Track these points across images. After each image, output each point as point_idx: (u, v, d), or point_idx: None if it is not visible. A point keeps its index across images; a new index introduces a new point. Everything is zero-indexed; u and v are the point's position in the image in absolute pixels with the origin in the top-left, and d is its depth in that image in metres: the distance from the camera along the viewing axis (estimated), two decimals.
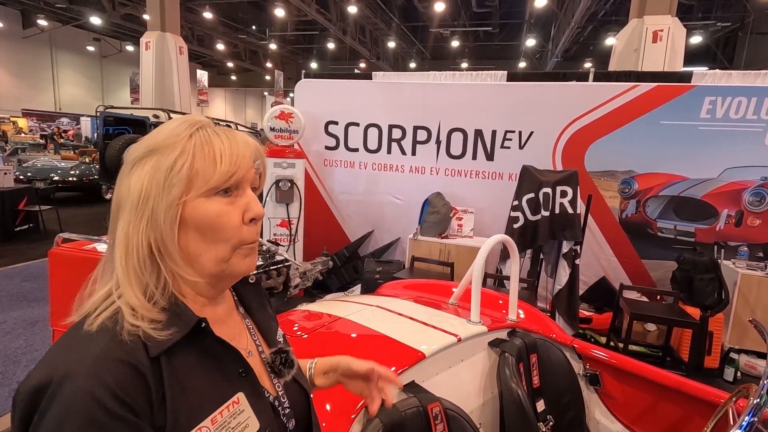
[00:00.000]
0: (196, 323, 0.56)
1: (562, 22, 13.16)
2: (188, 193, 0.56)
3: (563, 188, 3.32)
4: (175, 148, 0.56)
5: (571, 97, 3.93)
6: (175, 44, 9.81)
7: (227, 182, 0.57)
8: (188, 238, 0.57)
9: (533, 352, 1.79)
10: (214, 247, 0.58)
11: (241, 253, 0.60)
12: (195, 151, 0.56)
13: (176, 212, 0.55)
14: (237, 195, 0.60)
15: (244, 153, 0.60)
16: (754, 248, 3.56)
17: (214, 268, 0.59)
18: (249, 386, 0.61)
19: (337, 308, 1.95)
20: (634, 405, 1.80)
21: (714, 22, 13.06)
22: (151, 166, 0.56)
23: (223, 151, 0.57)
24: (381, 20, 15.85)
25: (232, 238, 0.59)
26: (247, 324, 0.70)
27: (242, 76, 25.96)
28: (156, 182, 0.55)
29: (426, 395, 1.31)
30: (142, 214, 0.55)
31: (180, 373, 0.53)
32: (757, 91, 3.48)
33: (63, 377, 0.47)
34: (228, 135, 0.60)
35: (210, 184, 0.56)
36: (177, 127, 0.58)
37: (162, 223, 0.55)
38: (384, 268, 3.95)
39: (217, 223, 0.57)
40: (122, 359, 0.49)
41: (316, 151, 4.77)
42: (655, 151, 3.78)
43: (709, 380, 3.16)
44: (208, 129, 0.59)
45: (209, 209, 0.57)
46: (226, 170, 0.57)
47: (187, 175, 0.55)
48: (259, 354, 0.68)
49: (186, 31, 15.55)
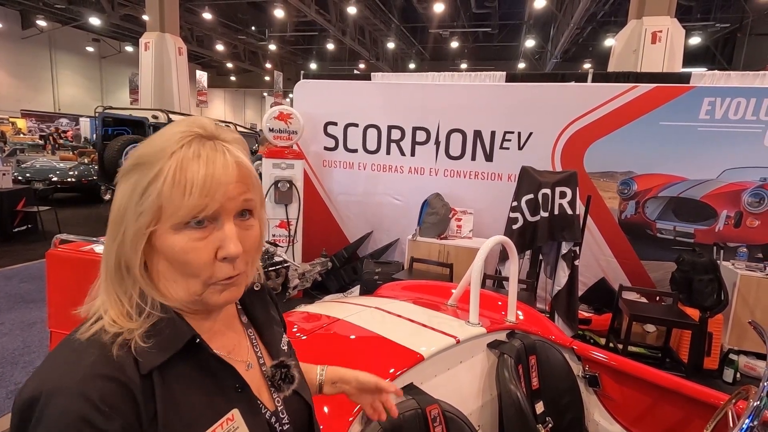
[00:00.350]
0: (190, 338, 0.54)
1: (561, 23, 13.17)
2: (156, 222, 0.52)
3: (562, 189, 3.32)
4: (154, 166, 0.51)
5: (571, 97, 3.93)
6: (175, 45, 9.80)
7: (196, 217, 0.52)
8: (160, 264, 0.54)
9: (532, 353, 1.78)
10: (183, 280, 0.54)
11: (215, 289, 0.55)
12: (168, 176, 0.51)
13: (141, 241, 0.52)
14: (212, 227, 0.54)
15: (222, 179, 0.53)
16: (754, 249, 3.56)
17: (186, 298, 0.56)
18: (245, 402, 0.59)
19: (336, 310, 1.94)
20: (633, 406, 1.79)
21: (713, 23, 13.09)
22: (131, 184, 0.53)
23: (195, 179, 0.51)
24: (380, 21, 15.86)
25: (201, 275, 0.54)
26: (249, 334, 0.68)
27: (242, 77, 25.96)
28: (130, 205, 0.52)
29: (424, 397, 1.30)
30: (116, 233, 0.53)
31: (174, 390, 0.52)
32: (756, 92, 3.48)
33: (50, 394, 0.47)
34: (209, 158, 0.53)
35: (177, 217, 0.51)
36: (170, 137, 0.53)
37: (128, 249, 0.53)
38: (383, 269, 3.94)
39: (184, 259, 0.53)
40: (109, 375, 0.48)
41: (315, 152, 4.77)
42: (654, 152, 3.78)
43: (709, 381, 3.16)
44: (195, 145, 0.53)
45: (175, 244, 0.52)
46: (194, 204, 0.51)
47: (156, 203, 0.51)
48: (259, 366, 0.66)
49: (185, 32, 15.54)
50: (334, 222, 4.87)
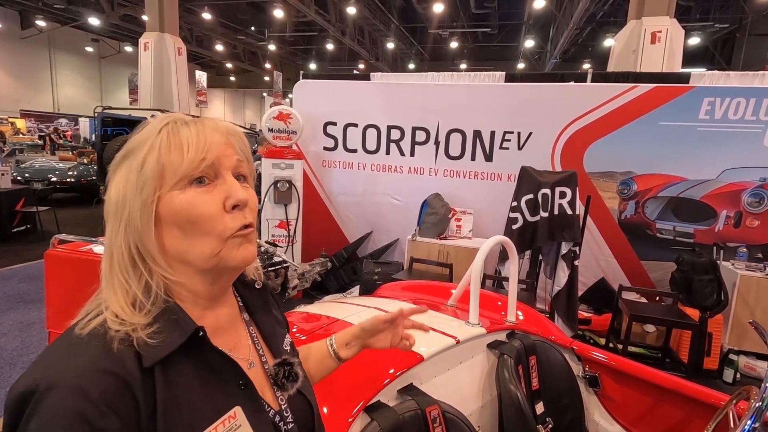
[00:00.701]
0: (194, 332, 0.53)
1: (561, 23, 13.18)
2: (160, 188, 0.53)
3: (562, 189, 3.32)
4: (145, 145, 0.54)
5: (570, 98, 3.93)
6: (174, 45, 9.79)
7: (197, 169, 0.54)
8: (171, 237, 0.55)
9: (532, 354, 1.78)
10: (197, 242, 0.54)
11: (232, 244, 0.56)
12: (161, 145, 0.54)
13: (151, 210, 0.53)
14: (215, 183, 0.56)
15: (213, 138, 0.57)
16: (753, 249, 3.56)
17: (204, 264, 0.56)
18: (248, 399, 0.58)
19: (336, 310, 1.94)
20: (633, 407, 1.79)
21: (712, 23, 13.10)
22: (125, 169, 0.55)
23: (189, 139, 0.55)
24: (380, 21, 15.86)
25: (215, 229, 0.55)
26: (251, 332, 0.67)
27: (241, 77, 25.95)
28: (130, 184, 0.54)
29: (424, 398, 1.30)
30: (121, 219, 0.54)
31: (175, 385, 0.51)
32: (755, 92, 3.48)
33: (47, 387, 0.45)
34: (197, 123, 0.57)
35: (179, 174, 0.53)
36: (151, 126, 0.57)
37: (139, 224, 0.53)
38: (383, 269, 3.93)
39: (194, 213, 0.54)
40: (109, 370, 0.47)
41: (315, 152, 4.76)
42: (654, 152, 3.78)
43: (709, 381, 3.15)
44: (178, 122, 0.57)
45: (183, 200, 0.53)
46: (193, 157, 0.54)
47: (156, 169, 0.53)
48: (262, 365, 0.65)
49: (185, 32, 15.53)
50: (334, 222, 4.87)
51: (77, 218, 7.74)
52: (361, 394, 1.22)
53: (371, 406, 1.20)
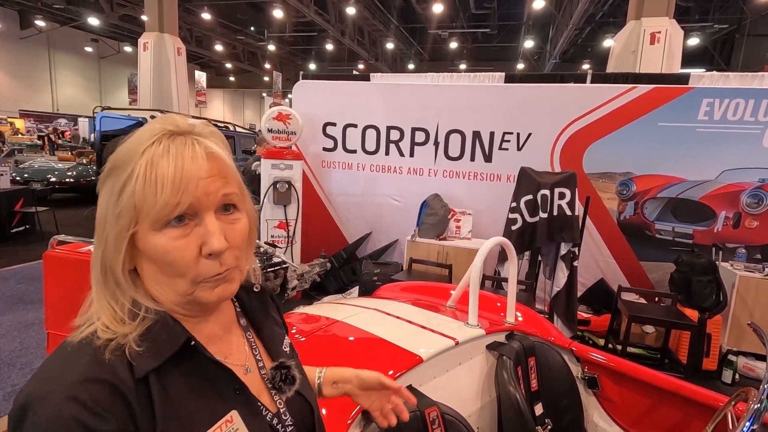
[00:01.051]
0: (185, 342, 0.54)
1: (560, 23, 13.19)
2: (135, 224, 0.51)
3: (561, 190, 3.32)
4: (128, 167, 0.51)
5: (570, 98, 3.93)
6: (174, 45, 9.78)
7: (172, 213, 0.50)
8: (148, 268, 0.54)
9: (531, 355, 1.78)
10: (171, 281, 0.53)
11: (205, 287, 0.54)
12: (139, 175, 0.50)
13: (122, 244, 0.51)
14: (193, 224, 0.52)
15: (191, 172, 0.51)
16: (752, 250, 3.56)
17: (177, 299, 0.55)
18: (244, 403, 0.58)
19: (335, 311, 1.94)
20: (632, 408, 1.79)
21: (711, 24, 13.12)
22: (108, 189, 0.52)
23: (165, 175, 0.50)
24: (379, 21, 15.86)
25: (188, 274, 0.52)
26: (248, 337, 0.67)
27: (241, 77, 25.95)
28: (110, 208, 0.52)
29: (423, 399, 1.30)
30: (101, 239, 0.53)
31: (171, 392, 0.52)
32: (754, 93, 3.49)
33: (40, 399, 0.46)
34: (177, 152, 0.51)
35: (152, 215, 0.50)
36: (140, 137, 0.53)
37: (111, 252, 0.52)
38: (382, 269, 3.93)
39: (167, 258, 0.51)
40: (100, 378, 0.47)
41: (314, 153, 4.76)
42: (653, 153, 3.78)
43: (708, 382, 3.16)
44: (165, 142, 0.52)
45: (157, 245, 0.51)
46: (166, 200, 0.50)
47: (130, 203, 0.50)
48: (258, 369, 0.65)
49: (184, 32, 15.53)
50: (333, 223, 4.86)
51: (76, 219, 7.73)
52: None
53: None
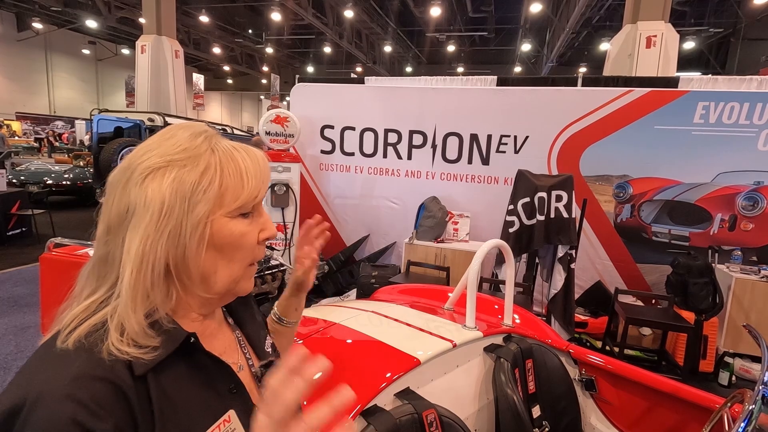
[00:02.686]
0: (185, 338, 0.54)
1: (557, 27, 13.26)
2: (216, 211, 0.54)
3: (558, 192, 3.33)
4: (199, 161, 0.54)
5: (566, 101, 3.95)
6: (171, 48, 9.79)
7: (254, 201, 0.58)
8: (206, 256, 0.55)
9: (529, 357, 1.78)
10: (229, 266, 0.57)
11: (249, 272, 0.61)
12: (222, 167, 0.55)
13: (205, 231, 0.53)
14: (255, 214, 0.60)
15: (265, 171, 0.60)
16: (748, 252, 3.58)
17: (224, 286, 0.58)
18: (240, 402, 0.59)
19: (333, 313, 1.94)
20: (629, 410, 1.79)
21: (707, 28, 13.22)
22: (174, 179, 0.52)
23: (248, 168, 0.57)
24: (377, 24, 15.92)
25: (247, 258, 0.59)
26: (237, 336, 0.69)
27: (238, 80, 25.96)
28: (181, 197, 0.52)
29: (421, 402, 1.30)
30: (162, 231, 0.51)
31: (170, 391, 0.51)
32: (749, 96, 3.51)
33: (36, 399, 0.44)
34: (246, 150, 0.59)
35: (238, 203, 0.56)
36: (191, 138, 0.55)
37: (188, 241, 0.52)
38: (380, 272, 3.93)
39: (240, 243, 0.57)
40: (99, 376, 0.47)
41: (312, 155, 4.76)
42: (649, 156, 3.80)
43: (704, 384, 3.17)
44: (221, 140, 0.58)
45: (234, 229, 0.56)
46: (254, 189, 0.57)
47: (217, 192, 0.54)
48: (249, 368, 0.67)
49: (182, 35, 15.52)
50: (331, 225, 4.85)
51: (73, 221, 7.70)
52: (358, 398, 1.22)
53: (367, 411, 1.20)
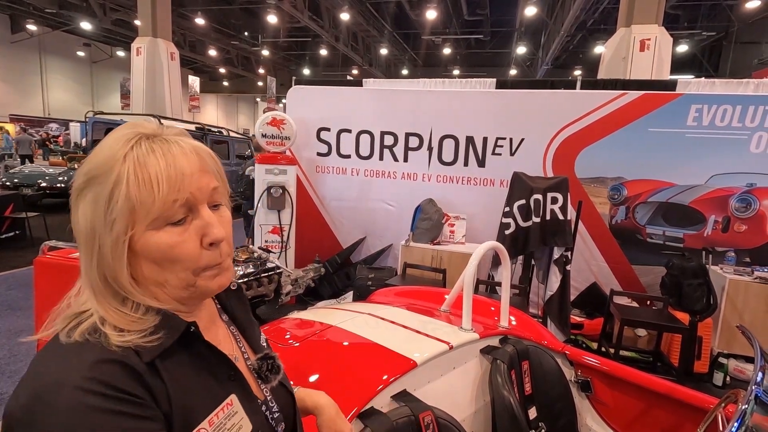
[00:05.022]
0: (186, 327, 0.55)
1: (552, 30, 13.35)
2: (133, 226, 0.50)
3: (554, 195, 3.35)
4: (110, 174, 0.50)
5: (561, 104, 3.98)
6: (167, 50, 9.77)
7: (171, 210, 0.51)
8: (147, 268, 0.53)
9: (525, 359, 1.79)
10: (174, 276, 0.54)
11: (207, 276, 0.56)
12: (129, 177, 0.49)
13: (123, 248, 0.51)
14: (191, 218, 0.54)
15: (184, 167, 0.52)
16: (741, 253, 3.61)
17: (181, 292, 0.56)
18: (240, 389, 0.61)
19: (329, 316, 1.94)
20: (625, 411, 1.80)
21: (699, 31, 13.35)
22: (91, 199, 0.51)
23: (159, 173, 0.50)
24: (373, 27, 15.96)
25: (191, 266, 0.54)
26: (231, 331, 0.70)
27: (234, 82, 25.92)
28: (98, 217, 0.50)
29: (418, 404, 1.30)
30: (92, 251, 0.52)
31: (176, 375, 0.53)
32: (741, 99, 3.55)
33: (56, 387, 0.45)
34: (164, 150, 0.52)
35: (152, 215, 0.50)
36: (113, 144, 0.51)
37: (110, 261, 0.51)
38: (376, 274, 3.93)
39: (172, 254, 0.52)
40: (116, 360, 0.48)
41: (308, 158, 4.76)
42: (643, 158, 3.83)
43: (699, 385, 3.18)
44: (145, 144, 0.52)
45: (159, 242, 0.52)
46: (165, 196, 0.50)
47: (126, 207, 0.49)
48: (244, 360, 0.68)
49: (177, 37, 15.50)
50: (327, 228, 4.86)
51: (67, 224, 7.61)
52: (354, 400, 1.22)
53: (364, 413, 1.20)
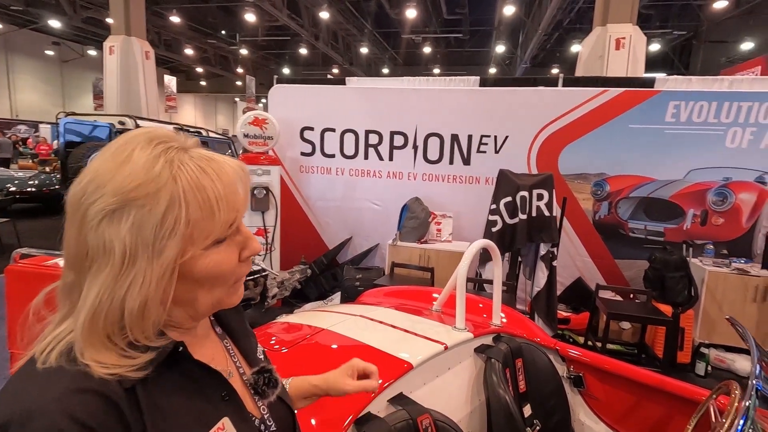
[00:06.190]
0: (173, 348, 0.52)
1: (530, 29, 13.54)
2: (187, 252, 0.49)
3: (539, 191, 3.38)
4: (159, 198, 0.47)
5: (544, 102, 4.02)
6: (141, 49, 9.50)
7: (229, 230, 0.53)
8: (180, 289, 0.51)
9: (518, 356, 1.78)
10: (210, 293, 0.54)
11: (234, 288, 0.58)
12: (187, 201, 0.48)
13: (173, 276, 0.48)
14: (232, 234, 0.55)
15: (238, 189, 0.54)
16: (719, 246, 3.72)
17: (208, 309, 0.56)
18: (234, 410, 0.58)
19: (318, 319, 1.89)
20: (617, 405, 1.82)
21: (671, 30, 13.74)
22: (133, 223, 0.46)
23: (218, 196, 0.50)
24: (353, 26, 15.87)
25: (229, 281, 0.55)
26: (225, 345, 0.67)
27: (212, 82, 25.43)
28: (143, 243, 0.46)
29: (415, 407, 1.28)
30: (126, 277, 0.46)
31: (160, 401, 0.49)
32: (717, 95, 3.65)
33: (26, 417, 0.41)
34: (217, 171, 0.51)
35: (210, 239, 0.51)
36: (148, 163, 0.47)
37: (152, 290, 0.47)
38: (364, 275, 3.90)
39: (217, 272, 0.53)
40: (92, 389, 0.44)
41: (292, 158, 4.69)
42: (625, 154, 3.91)
43: (682, 375, 3.26)
44: (185, 159, 0.50)
45: (209, 262, 0.51)
46: (225, 219, 0.51)
47: (184, 232, 0.48)
48: (240, 375, 0.65)
49: (152, 35, 15.10)
50: (313, 228, 4.80)
51: (40, 230, 7.35)
52: (350, 406, 1.19)
53: (361, 419, 1.17)
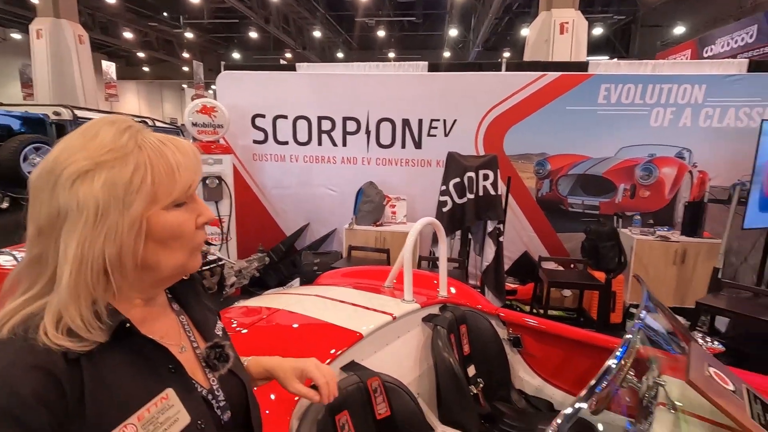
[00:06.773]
0: (119, 324, 0.56)
1: (481, 13, 13.78)
2: (151, 207, 0.58)
3: (485, 172, 3.57)
4: (127, 161, 0.56)
5: (489, 86, 4.20)
6: (74, 32, 8.82)
7: (186, 193, 0.62)
8: (147, 249, 0.59)
9: (462, 323, 1.95)
10: (172, 254, 0.62)
11: (195, 255, 0.66)
12: (152, 164, 0.58)
13: (140, 227, 0.57)
14: (189, 202, 0.64)
15: (196, 161, 0.64)
16: (645, 216, 4.10)
17: (171, 272, 0.63)
18: (179, 382, 0.61)
19: (276, 301, 1.97)
20: (551, 361, 2.03)
21: (611, 15, 14.44)
22: (105, 181, 0.55)
23: (178, 162, 0.60)
24: (305, 9, 15.47)
25: (189, 244, 0.63)
26: (181, 320, 0.71)
27: (156, 68, 23.96)
28: (114, 198, 0.55)
29: (365, 372, 1.39)
30: (100, 231, 0.54)
31: (104, 373, 0.53)
32: (641, 78, 3.97)
33: None
34: (174, 143, 0.62)
35: (172, 198, 0.60)
36: (115, 136, 0.57)
37: (124, 239, 0.55)
38: (322, 259, 3.97)
39: (178, 232, 0.61)
40: (35, 365, 0.48)
41: (244, 146, 4.63)
42: (563, 134, 4.18)
43: (615, 332, 3.58)
44: (148, 135, 0.60)
45: (170, 221, 0.60)
46: (186, 181, 0.61)
47: (150, 190, 0.57)
48: (193, 349, 0.69)
49: (85, 18, 13.99)
50: (269, 216, 4.79)
51: None
52: None
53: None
